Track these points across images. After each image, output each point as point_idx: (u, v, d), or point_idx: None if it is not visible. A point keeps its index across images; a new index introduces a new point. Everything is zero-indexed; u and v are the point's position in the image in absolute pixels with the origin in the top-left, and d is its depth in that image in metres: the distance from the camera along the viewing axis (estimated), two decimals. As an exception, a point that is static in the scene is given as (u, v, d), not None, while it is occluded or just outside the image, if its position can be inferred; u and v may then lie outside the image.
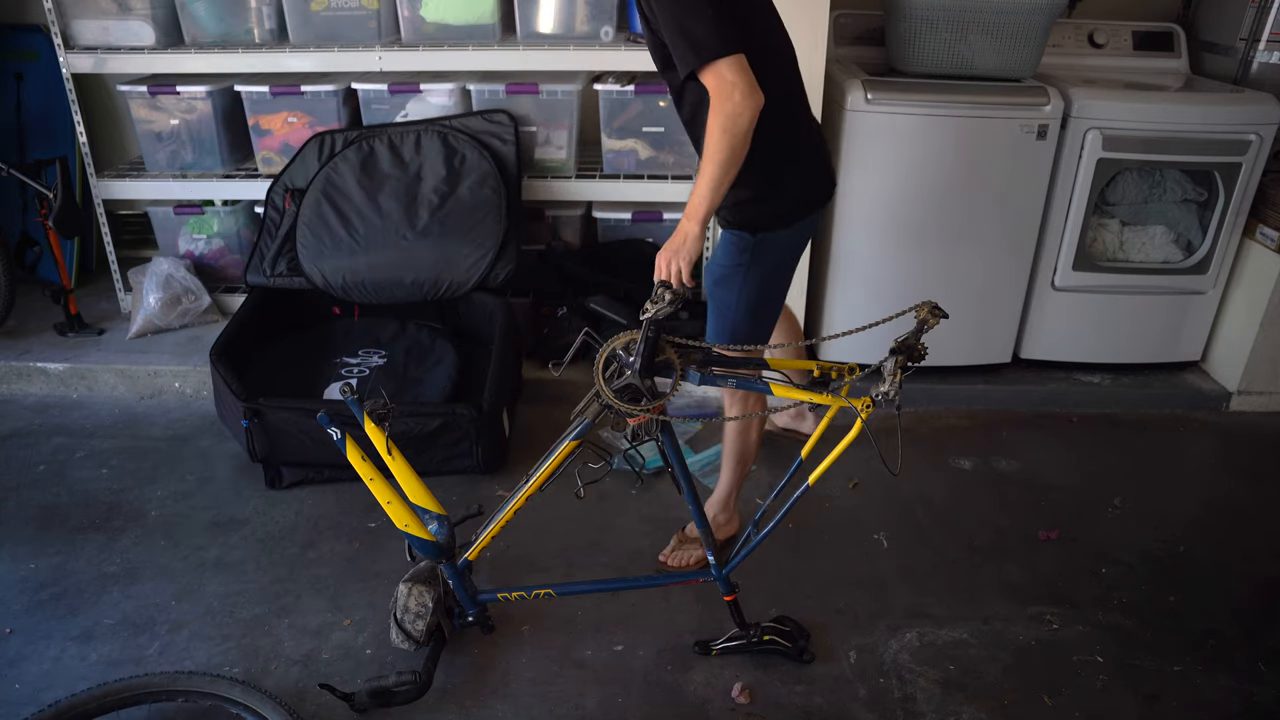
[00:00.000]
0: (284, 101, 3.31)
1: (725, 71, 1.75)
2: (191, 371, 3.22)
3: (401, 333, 3.21)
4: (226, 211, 3.54)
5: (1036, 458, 2.95)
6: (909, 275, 3.11)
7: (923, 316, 1.66)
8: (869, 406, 1.72)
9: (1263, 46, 3.22)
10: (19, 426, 3.06)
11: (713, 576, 2.03)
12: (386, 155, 3.23)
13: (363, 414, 1.85)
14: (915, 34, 2.97)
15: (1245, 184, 3.03)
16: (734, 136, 1.77)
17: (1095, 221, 3.15)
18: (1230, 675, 2.11)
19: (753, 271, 2.10)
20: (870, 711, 2.00)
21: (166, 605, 2.27)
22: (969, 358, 3.29)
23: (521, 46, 3.18)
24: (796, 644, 2.11)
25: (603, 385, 1.79)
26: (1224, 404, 3.26)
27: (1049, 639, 2.21)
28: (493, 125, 3.26)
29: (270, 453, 2.68)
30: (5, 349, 3.33)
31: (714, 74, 1.77)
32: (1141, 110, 2.94)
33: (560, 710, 1.99)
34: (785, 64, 2.04)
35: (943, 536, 2.56)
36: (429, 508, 1.91)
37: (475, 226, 3.14)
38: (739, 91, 1.75)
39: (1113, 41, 3.40)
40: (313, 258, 3.13)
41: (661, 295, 1.71)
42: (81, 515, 2.61)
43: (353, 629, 2.20)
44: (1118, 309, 3.22)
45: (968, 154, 2.94)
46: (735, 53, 1.76)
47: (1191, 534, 2.60)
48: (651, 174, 3.36)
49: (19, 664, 2.09)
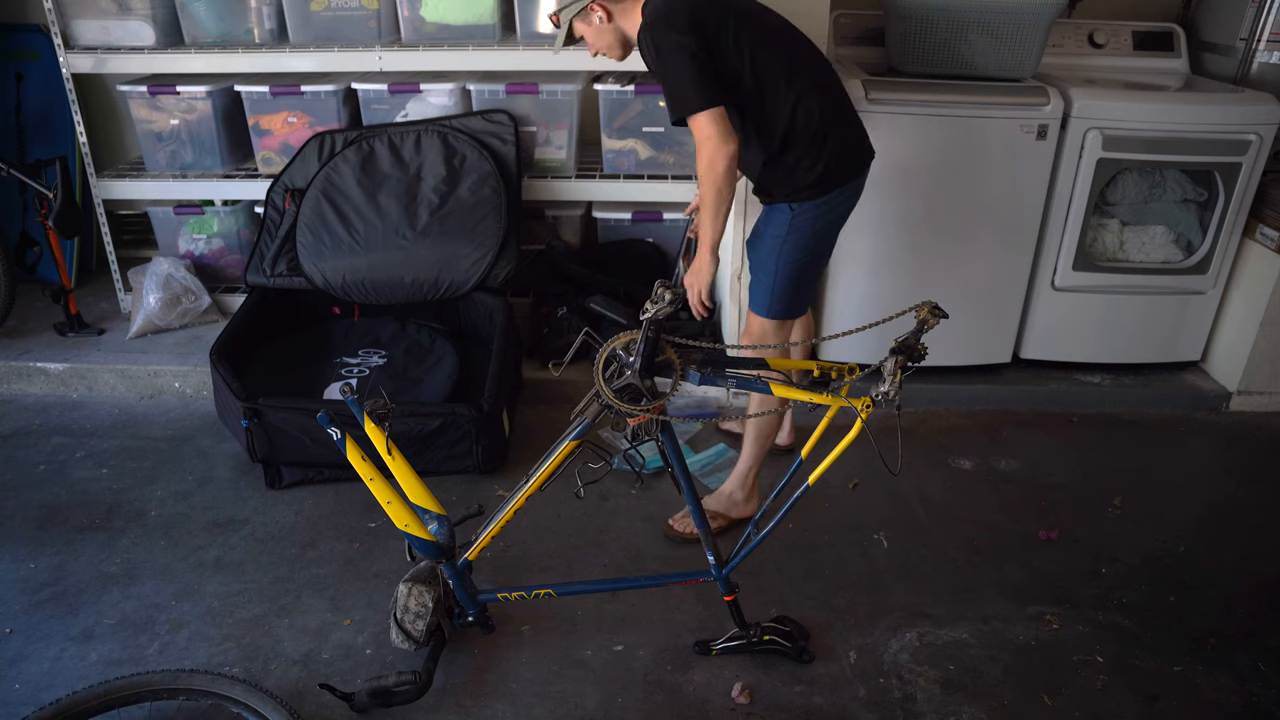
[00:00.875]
0: (284, 101, 3.31)
1: (702, 124, 2.04)
2: (191, 371, 3.22)
3: (401, 333, 3.21)
4: (226, 211, 3.54)
5: (1036, 458, 2.96)
6: (909, 275, 3.11)
7: (923, 316, 1.66)
8: (869, 406, 1.72)
9: (1263, 46, 3.22)
10: (19, 426, 3.06)
11: (713, 576, 2.03)
12: (386, 155, 3.23)
13: (363, 414, 1.85)
14: (915, 34, 2.98)
15: (1245, 184, 3.03)
16: (714, 178, 2.08)
17: (1095, 221, 3.15)
18: (1230, 675, 2.11)
19: (789, 242, 2.30)
20: (870, 711, 2.00)
21: (166, 605, 2.27)
22: (969, 358, 3.29)
23: (521, 46, 3.18)
24: (796, 644, 2.11)
25: (603, 385, 1.79)
26: (1224, 404, 3.26)
27: (1049, 639, 2.21)
28: (493, 125, 3.26)
29: (270, 453, 2.68)
30: (5, 349, 3.33)
31: (694, 125, 2.06)
32: (1141, 110, 2.94)
33: (560, 710, 1.99)
34: (795, 70, 2.19)
35: (943, 536, 2.56)
36: (429, 508, 1.91)
37: (475, 226, 3.14)
38: (711, 144, 2.05)
39: (1113, 41, 3.40)
40: (312, 258, 3.13)
41: (661, 295, 1.71)
42: (81, 515, 2.61)
43: (353, 629, 2.20)
44: (1118, 309, 3.22)
45: (968, 154, 2.94)
46: (711, 107, 2.03)
47: (1191, 534, 2.60)
48: (651, 174, 3.36)
49: (19, 664, 2.09)
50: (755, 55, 2.13)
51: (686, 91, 2.05)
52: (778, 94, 2.16)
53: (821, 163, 2.21)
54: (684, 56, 2.03)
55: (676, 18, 2.06)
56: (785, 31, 2.24)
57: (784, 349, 2.47)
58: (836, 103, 2.28)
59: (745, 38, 2.12)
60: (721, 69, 2.09)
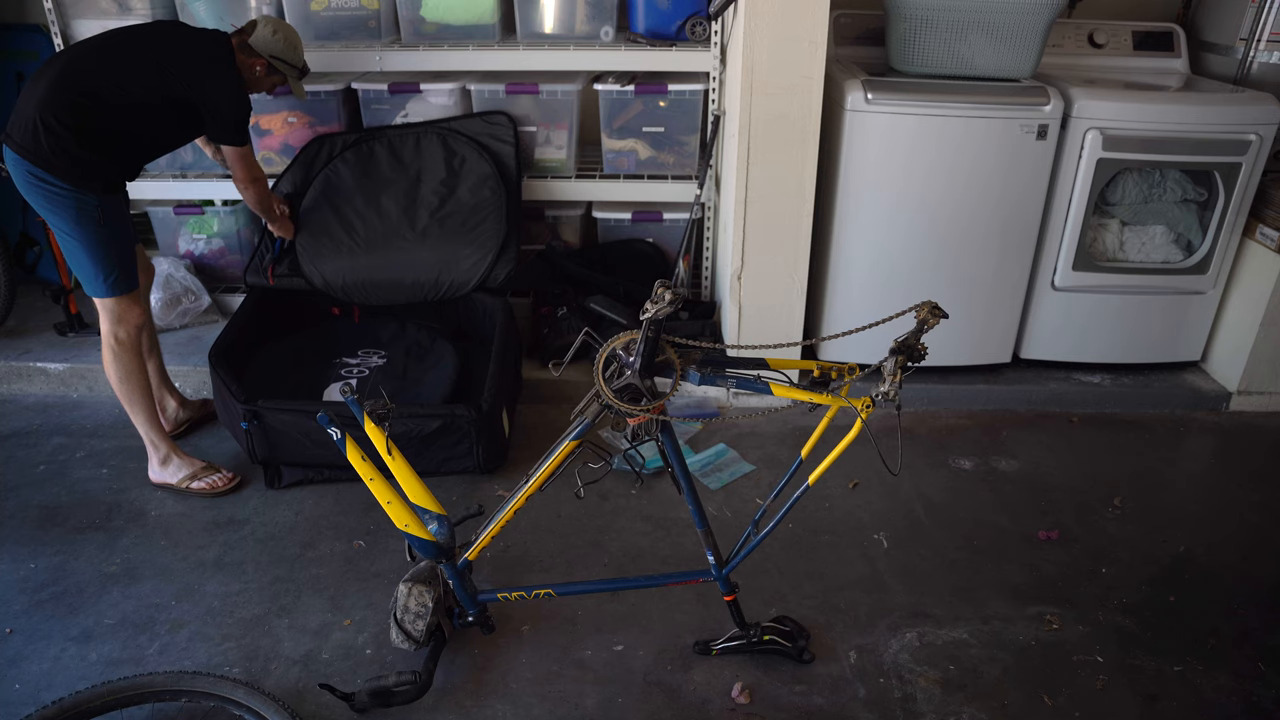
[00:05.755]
0: (284, 101, 3.31)
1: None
2: (192, 371, 3.22)
3: (401, 333, 3.21)
4: (226, 211, 3.54)
5: (1036, 458, 2.96)
6: (909, 275, 3.11)
7: (923, 316, 1.66)
8: (869, 406, 1.72)
9: (1263, 46, 3.22)
10: (19, 426, 3.06)
11: (713, 576, 2.03)
12: (386, 157, 3.23)
13: (363, 414, 1.85)
14: (915, 34, 2.98)
15: (1245, 184, 3.03)
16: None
17: (1095, 221, 3.15)
18: (1230, 675, 2.11)
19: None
20: (870, 711, 2.00)
21: (166, 605, 2.27)
22: (969, 358, 3.29)
23: (521, 46, 3.19)
24: (796, 644, 2.11)
25: (603, 385, 1.79)
26: (1224, 404, 3.26)
27: (1049, 639, 2.21)
28: (492, 127, 3.26)
29: (270, 454, 2.68)
30: (5, 349, 3.33)
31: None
32: (1141, 110, 2.94)
33: (560, 710, 1.99)
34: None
35: (943, 536, 2.56)
36: (429, 508, 1.91)
37: (475, 228, 3.14)
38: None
39: (1113, 41, 3.40)
40: (313, 259, 3.13)
41: (661, 295, 1.71)
42: (81, 515, 2.61)
43: (353, 629, 2.20)
44: (1118, 309, 3.22)
45: (968, 154, 2.94)
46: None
47: (1191, 534, 2.60)
48: (651, 174, 3.37)
49: (19, 664, 2.09)
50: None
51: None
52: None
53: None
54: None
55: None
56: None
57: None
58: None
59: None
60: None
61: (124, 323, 2.54)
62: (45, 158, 2.35)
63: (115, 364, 2.57)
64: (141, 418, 2.65)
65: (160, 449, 2.69)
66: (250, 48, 2.65)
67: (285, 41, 2.71)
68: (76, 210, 2.40)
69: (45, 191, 2.38)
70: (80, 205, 2.40)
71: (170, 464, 2.69)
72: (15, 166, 2.38)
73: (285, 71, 2.74)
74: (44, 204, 2.41)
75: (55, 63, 2.44)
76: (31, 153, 2.35)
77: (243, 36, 2.64)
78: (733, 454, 2.92)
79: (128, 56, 2.48)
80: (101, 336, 2.56)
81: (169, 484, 2.70)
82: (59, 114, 2.35)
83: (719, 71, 3.17)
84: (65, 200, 2.39)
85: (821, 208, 2.98)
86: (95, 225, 2.43)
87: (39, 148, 2.35)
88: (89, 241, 2.43)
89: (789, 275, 2.99)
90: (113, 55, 2.47)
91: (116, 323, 2.54)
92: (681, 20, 3.15)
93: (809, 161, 2.83)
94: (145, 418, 2.65)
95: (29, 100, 2.37)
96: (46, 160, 2.35)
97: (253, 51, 2.65)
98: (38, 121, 2.34)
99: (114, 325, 2.54)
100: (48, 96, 2.36)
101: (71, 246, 2.45)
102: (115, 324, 2.54)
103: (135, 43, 2.52)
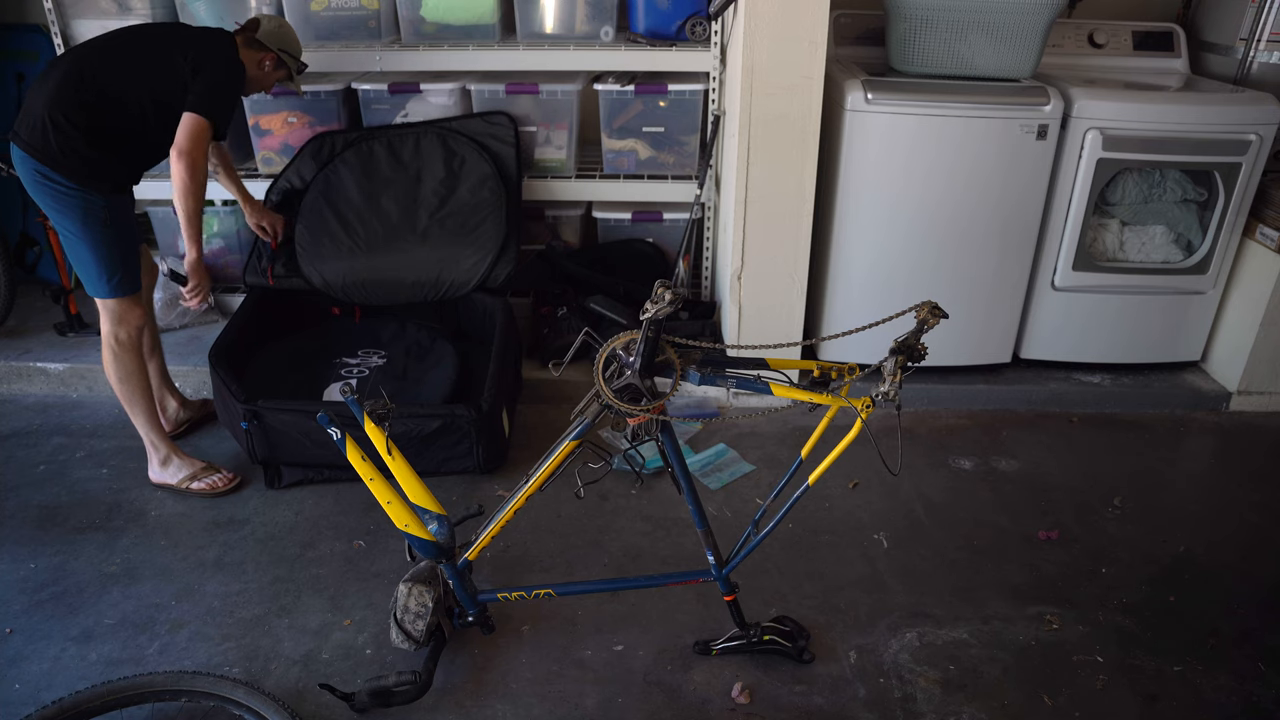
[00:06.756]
0: (284, 101, 3.31)
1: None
2: (192, 371, 3.22)
3: (401, 333, 3.21)
4: (226, 211, 3.54)
5: (1036, 458, 2.96)
6: (909, 275, 3.11)
7: (923, 316, 1.66)
8: (869, 406, 1.72)
9: (1263, 46, 3.22)
10: (19, 426, 3.06)
11: (713, 576, 2.03)
12: (385, 157, 3.23)
13: (363, 414, 1.85)
14: (915, 34, 2.97)
15: (1245, 184, 3.03)
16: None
17: (1095, 221, 3.15)
18: (1230, 675, 2.11)
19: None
20: (870, 711, 2.00)
21: (166, 605, 2.27)
22: (969, 358, 3.29)
23: (521, 46, 3.19)
24: (796, 644, 2.11)
25: (603, 385, 1.79)
26: (1224, 404, 3.26)
27: (1049, 639, 2.21)
28: (492, 127, 3.26)
29: (270, 454, 2.68)
30: (5, 349, 3.33)
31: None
32: (1141, 110, 2.94)
33: (560, 710, 1.99)
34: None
35: (943, 536, 2.56)
36: (429, 508, 1.91)
37: (475, 228, 3.14)
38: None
39: (1113, 41, 3.40)
40: (312, 260, 3.13)
41: (661, 295, 1.71)
42: (81, 515, 2.61)
43: (353, 629, 2.20)
44: (1118, 309, 3.22)
45: (968, 154, 2.94)
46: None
47: (1191, 534, 2.60)
48: (651, 174, 3.37)
49: (19, 664, 2.09)
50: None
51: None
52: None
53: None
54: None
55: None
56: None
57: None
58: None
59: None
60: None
61: (125, 324, 2.54)
62: (54, 157, 2.35)
63: (115, 365, 2.57)
64: (141, 418, 2.65)
65: (160, 449, 2.69)
66: (259, 42, 2.64)
67: (291, 36, 2.73)
68: (83, 210, 2.40)
69: (53, 191, 2.38)
70: (87, 205, 2.39)
71: (170, 464, 2.69)
72: (23, 165, 2.38)
73: (290, 65, 2.74)
74: (51, 203, 2.41)
75: (62, 62, 2.44)
76: (40, 151, 2.35)
77: (248, 34, 2.64)
78: (733, 454, 2.92)
79: (135, 55, 2.48)
80: (102, 337, 2.56)
81: (169, 484, 2.70)
82: (69, 113, 2.35)
83: (719, 71, 3.17)
84: (73, 200, 2.38)
85: (821, 208, 2.98)
86: (101, 226, 2.42)
87: (48, 146, 2.34)
88: (94, 242, 2.43)
89: (789, 275, 2.99)
90: (120, 54, 2.46)
91: (117, 324, 2.54)
92: (681, 20, 3.15)
93: (809, 161, 2.83)
94: (145, 418, 2.65)
95: (37, 99, 2.37)
96: (55, 159, 2.35)
97: (262, 46, 2.65)
98: (47, 120, 2.34)
99: (115, 326, 2.54)
100: (57, 95, 2.36)
101: (76, 247, 2.45)
102: (116, 325, 2.54)
103: (141, 41, 2.52)
